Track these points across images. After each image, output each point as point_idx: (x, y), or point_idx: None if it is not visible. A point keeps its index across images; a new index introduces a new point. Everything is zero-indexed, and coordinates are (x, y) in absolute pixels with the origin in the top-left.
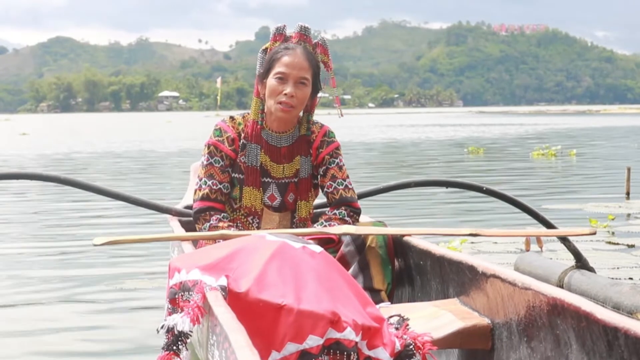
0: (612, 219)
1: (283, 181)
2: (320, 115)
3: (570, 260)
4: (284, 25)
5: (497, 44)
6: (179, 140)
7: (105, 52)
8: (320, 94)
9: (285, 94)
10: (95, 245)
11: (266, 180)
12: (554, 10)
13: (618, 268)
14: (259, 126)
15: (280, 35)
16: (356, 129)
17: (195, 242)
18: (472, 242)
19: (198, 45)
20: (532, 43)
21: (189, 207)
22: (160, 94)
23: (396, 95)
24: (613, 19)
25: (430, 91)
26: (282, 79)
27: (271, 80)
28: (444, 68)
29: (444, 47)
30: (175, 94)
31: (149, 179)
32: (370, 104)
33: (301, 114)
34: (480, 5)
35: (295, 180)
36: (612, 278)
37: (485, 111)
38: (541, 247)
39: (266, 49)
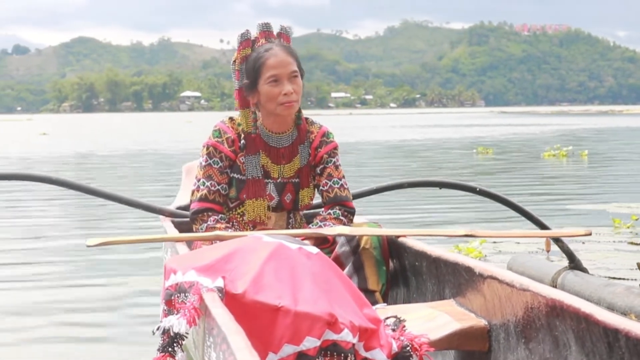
0: (636, 219)
1: (281, 181)
2: (342, 116)
3: (593, 261)
4: (247, 31)
5: (519, 43)
6: (192, 141)
7: (127, 52)
8: (342, 94)
9: (285, 94)
10: (88, 246)
11: (265, 181)
12: (576, 10)
13: (637, 269)
14: (253, 135)
15: (247, 41)
16: (371, 129)
17: (190, 243)
18: (495, 242)
19: (219, 46)
20: (555, 43)
21: (182, 208)
22: (182, 94)
23: (418, 96)
24: (635, 18)
25: (452, 91)
26: (276, 80)
27: (265, 87)
28: (466, 68)
29: (466, 47)
30: (197, 94)
31: (147, 179)
32: (392, 104)
33: None
34: (502, 5)
35: (295, 180)
36: (628, 279)
37: (507, 111)
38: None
39: (236, 59)
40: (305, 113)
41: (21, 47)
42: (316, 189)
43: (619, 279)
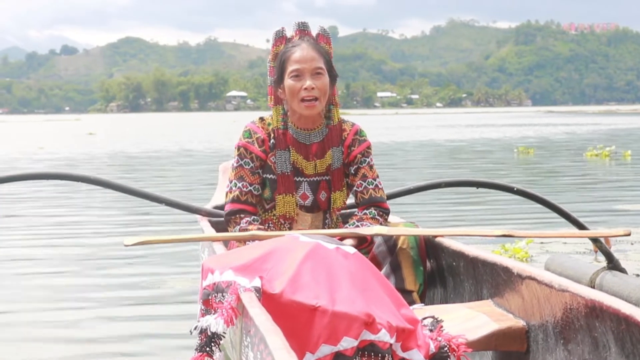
0: None
1: (315, 179)
2: (388, 115)
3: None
4: (283, 28)
5: (566, 43)
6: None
7: (174, 52)
8: (388, 94)
9: (305, 89)
10: (126, 245)
11: (298, 180)
12: (625, 8)
13: None
14: (281, 131)
15: (281, 39)
16: (415, 129)
17: (227, 243)
18: (542, 243)
19: (266, 45)
20: (602, 42)
21: (219, 207)
22: (228, 94)
23: (464, 95)
24: None
25: (498, 91)
26: (298, 75)
27: (288, 81)
28: (512, 67)
29: (513, 46)
30: (243, 93)
31: (183, 178)
32: (438, 104)
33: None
34: (549, 4)
35: (328, 177)
36: None
37: (554, 111)
38: (609, 247)
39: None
40: (351, 112)
41: (69, 48)
42: (349, 189)
43: None
